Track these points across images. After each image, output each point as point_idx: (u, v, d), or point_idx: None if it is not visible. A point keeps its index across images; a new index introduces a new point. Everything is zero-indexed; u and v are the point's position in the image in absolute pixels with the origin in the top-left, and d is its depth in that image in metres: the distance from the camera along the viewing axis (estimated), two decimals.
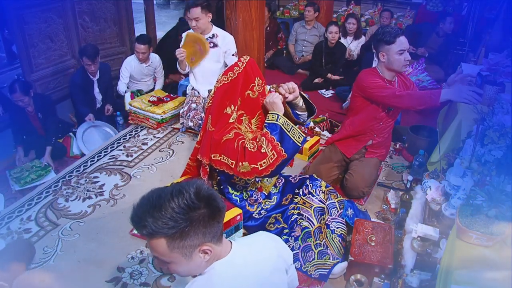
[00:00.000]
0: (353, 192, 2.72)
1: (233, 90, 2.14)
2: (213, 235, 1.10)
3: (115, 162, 3.23)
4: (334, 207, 2.36)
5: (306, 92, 4.22)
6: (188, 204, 1.04)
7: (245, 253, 1.21)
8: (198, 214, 1.05)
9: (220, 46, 3.43)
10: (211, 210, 1.08)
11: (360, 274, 2.06)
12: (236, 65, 2.16)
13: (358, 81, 2.71)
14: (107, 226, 2.55)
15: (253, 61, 2.21)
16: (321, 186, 2.39)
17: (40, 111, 3.49)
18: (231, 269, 1.15)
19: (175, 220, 1.03)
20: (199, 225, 1.06)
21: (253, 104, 2.23)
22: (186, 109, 3.54)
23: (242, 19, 3.49)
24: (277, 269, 1.26)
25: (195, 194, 1.06)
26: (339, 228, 2.30)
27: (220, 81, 2.15)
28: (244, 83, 2.17)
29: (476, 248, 1.53)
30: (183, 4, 8.07)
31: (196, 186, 1.08)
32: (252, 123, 2.27)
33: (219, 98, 2.15)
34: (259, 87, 2.22)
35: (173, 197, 1.05)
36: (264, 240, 1.32)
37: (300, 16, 6.21)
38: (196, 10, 3.27)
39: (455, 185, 1.86)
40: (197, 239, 1.07)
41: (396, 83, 2.71)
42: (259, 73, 2.23)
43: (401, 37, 2.53)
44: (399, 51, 2.53)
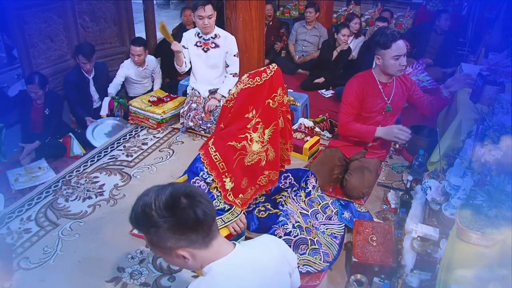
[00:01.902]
0: (353, 192, 2.72)
1: (257, 95, 2.16)
2: (190, 242, 1.08)
3: (115, 162, 3.23)
4: (318, 213, 2.43)
5: (306, 92, 4.26)
6: (153, 210, 1.05)
7: (247, 254, 1.21)
8: (162, 221, 1.05)
9: (221, 46, 3.42)
10: (181, 220, 1.06)
11: (360, 274, 2.06)
12: (265, 71, 2.17)
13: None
14: (107, 226, 2.55)
15: (279, 71, 2.24)
16: (300, 196, 2.45)
17: (49, 107, 3.53)
18: (230, 269, 1.14)
19: (140, 222, 1.09)
20: (165, 231, 1.05)
21: (271, 113, 2.26)
22: (187, 109, 3.53)
23: (242, 19, 3.49)
24: (279, 271, 1.25)
25: (164, 202, 1.05)
26: (329, 229, 2.35)
27: (245, 83, 2.14)
28: (269, 91, 2.19)
29: (476, 248, 1.53)
30: (183, 4, 8.05)
31: (171, 193, 1.07)
32: (266, 133, 2.29)
33: (242, 100, 2.15)
34: (280, 97, 2.25)
35: (147, 199, 1.07)
36: (268, 242, 1.31)
37: (300, 16, 6.21)
38: (210, 7, 3.27)
39: (455, 185, 1.86)
40: (169, 243, 1.07)
41: (393, 85, 2.71)
42: (282, 84, 2.25)
43: (398, 41, 2.49)
44: (395, 56, 2.51)
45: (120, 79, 4.07)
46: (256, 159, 2.28)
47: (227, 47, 3.42)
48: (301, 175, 2.54)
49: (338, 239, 2.33)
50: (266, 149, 2.32)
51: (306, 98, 3.97)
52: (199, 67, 3.52)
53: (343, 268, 2.27)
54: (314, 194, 2.53)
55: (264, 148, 2.30)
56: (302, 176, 2.53)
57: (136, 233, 2.46)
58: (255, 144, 2.25)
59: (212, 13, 3.28)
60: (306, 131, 3.50)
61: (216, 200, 2.18)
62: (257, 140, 2.25)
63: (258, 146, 2.27)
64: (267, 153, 2.33)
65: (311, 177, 2.55)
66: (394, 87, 2.70)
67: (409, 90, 2.76)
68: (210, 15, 3.27)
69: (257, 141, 2.25)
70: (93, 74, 3.83)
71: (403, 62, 2.54)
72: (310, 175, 2.55)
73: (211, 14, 3.28)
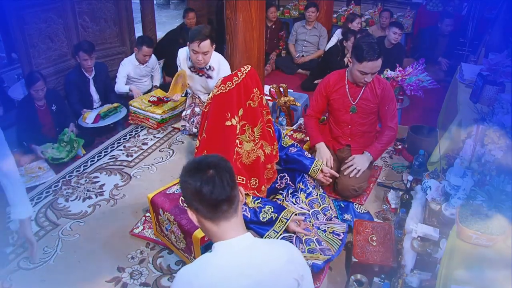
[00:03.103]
0: (345, 192, 2.70)
1: (231, 100, 2.15)
2: (196, 209, 1.20)
3: (115, 162, 3.23)
4: (319, 214, 2.43)
5: (306, 92, 4.26)
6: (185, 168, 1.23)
7: (253, 243, 1.23)
8: (188, 183, 1.19)
9: (213, 78, 3.28)
10: (189, 185, 1.19)
11: (360, 274, 2.06)
12: (236, 75, 2.17)
13: None
14: (107, 226, 2.55)
15: (253, 72, 2.23)
16: (300, 198, 2.45)
17: (55, 103, 3.48)
18: (230, 249, 1.20)
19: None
20: (186, 189, 1.21)
21: (254, 113, 2.25)
22: (190, 113, 3.47)
23: (242, 19, 3.48)
24: (284, 275, 1.23)
25: (192, 164, 1.23)
26: (330, 227, 2.35)
27: (218, 88, 2.15)
28: (245, 93, 2.19)
29: (476, 248, 1.53)
30: (183, 4, 8.06)
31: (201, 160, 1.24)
32: (255, 132, 2.29)
33: (216, 107, 2.16)
34: (258, 97, 2.25)
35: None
36: (280, 245, 1.33)
37: (300, 16, 6.20)
38: (207, 43, 2.99)
39: (455, 185, 1.86)
40: (185, 197, 1.24)
41: (362, 88, 2.68)
42: (258, 84, 2.25)
43: (370, 62, 2.46)
44: (361, 72, 2.54)
45: (124, 78, 4.10)
46: (254, 157, 2.29)
47: (222, 75, 3.30)
48: (297, 176, 2.53)
49: (341, 235, 2.33)
50: (261, 145, 2.32)
51: (306, 98, 3.97)
52: (195, 85, 3.42)
53: (343, 268, 2.27)
54: (316, 194, 2.52)
55: (257, 145, 2.31)
56: (298, 177, 2.52)
57: (136, 233, 2.47)
58: (246, 144, 2.26)
59: (208, 50, 3.03)
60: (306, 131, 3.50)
61: (262, 213, 2.18)
62: (248, 140, 2.26)
63: (250, 145, 2.28)
64: (263, 148, 2.33)
65: (308, 177, 2.55)
66: (362, 90, 2.68)
67: (378, 98, 2.69)
68: (206, 52, 3.03)
69: (247, 141, 2.26)
70: (93, 74, 3.83)
71: (367, 79, 2.56)
72: (306, 175, 2.54)
73: (207, 51, 3.03)
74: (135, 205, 2.73)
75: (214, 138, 2.18)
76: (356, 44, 2.56)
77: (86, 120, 3.63)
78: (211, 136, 2.18)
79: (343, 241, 2.30)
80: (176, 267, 2.24)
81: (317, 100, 2.82)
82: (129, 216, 2.64)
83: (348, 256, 2.29)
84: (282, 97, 3.61)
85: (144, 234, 2.46)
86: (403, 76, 3.86)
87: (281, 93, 3.62)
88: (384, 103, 2.69)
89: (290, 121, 3.72)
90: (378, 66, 2.52)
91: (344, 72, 2.73)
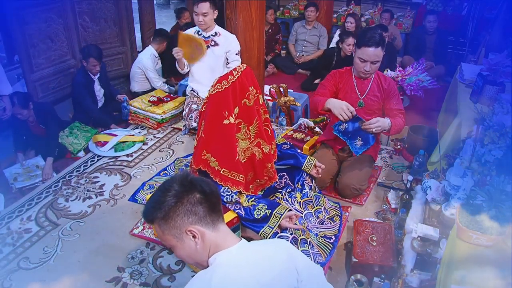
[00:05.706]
0: (345, 191, 2.71)
1: (227, 99, 2.15)
2: (199, 218, 1.17)
3: (115, 162, 3.23)
4: (312, 216, 2.45)
5: (306, 92, 4.26)
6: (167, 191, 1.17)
7: (254, 248, 1.23)
8: (171, 197, 1.16)
9: (221, 45, 3.42)
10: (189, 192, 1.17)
11: (360, 274, 2.06)
12: (231, 73, 2.18)
13: None
14: (107, 226, 2.55)
15: (249, 70, 2.23)
16: (296, 197, 2.46)
17: (43, 123, 3.40)
18: (232, 258, 1.17)
19: (154, 205, 1.18)
20: (174, 207, 1.16)
21: (249, 111, 2.26)
22: (187, 110, 3.52)
23: (242, 19, 3.48)
24: (284, 274, 1.22)
25: (180, 180, 1.19)
26: (322, 231, 2.36)
27: (215, 87, 2.16)
28: (240, 91, 2.20)
29: (476, 248, 1.53)
30: (183, 4, 8.06)
31: (182, 174, 1.21)
32: (251, 130, 2.30)
33: (213, 106, 2.17)
34: (253, 96, 2.25)
35: (161, 187, 1.20)
36: (277, 244, 1.33)
37: (300, 16, 6.21)
38: (205, 4, 3.23)
39: (455, 185, 1.87)
40: (179, 220, 1.16)
41: (369, 83, 2.68)
42: (254, 82, 2.26)
43: (368, 48, 2.47)
44: (360, 58, 2.54)
45: (156, 73, 4.34)
46: (249, 154, 2.30)
47: (228, 47, 3.42)
48: (296, 176, 2.54)
49: (332, 239, 2.34)
50: (258, 143, 2.32)
51: (306, 98, 3.97)
52: (199, 66, 3.51)
53: (343, 268, 2.27)
54: (311, 195, 2.53)
55: (253, 143, 2.31)
56: (297, 177, 2.53)
57: (136, 233, 2.46)
58: (241, 142, 2.27)
59: (206, 11, 3.24)
60: (306, 131, 3.50)
61: (256, 210, 2.19)
62: (243, 138, 2.27)
63: (245, 143, 2.28)
64: (260, 146, 2.33)
65: (307, 178, 2.55)
66: (370, 85, 2.70)
67: (385, 92, 2.71)
68: (205, 13, 3.24)
69: (243, 139, 2.27)
70: (98, 75, 3.87)
71: (367, 67, 2.56)
72: (305, 175, 2.55)
73: (206, 12, 3.24)
74: (135, 205, 2.72)
75: (213, 137, 2.18)
76: (360, 31, 2.58)
77: (102, 148, 3.36)
78: (210, 136, 2.18)
79: (334, 244, 2.31)
80: (176, 267, 2.24)
81: (324, 85, 2.74)
82: (129, 216, 2.64)
83: (348, 256, 2.29)
84: (282, 97, 3.61)
85: (144, 234, 2.46)
86: (403, 76, 3.87)
87: (281, 93, 3.62)
88: (390, 96, 2.72)
89: (290, 121, 3.72)
90: (378, 55, 2.52)
91: (351, 69, 2.74)
